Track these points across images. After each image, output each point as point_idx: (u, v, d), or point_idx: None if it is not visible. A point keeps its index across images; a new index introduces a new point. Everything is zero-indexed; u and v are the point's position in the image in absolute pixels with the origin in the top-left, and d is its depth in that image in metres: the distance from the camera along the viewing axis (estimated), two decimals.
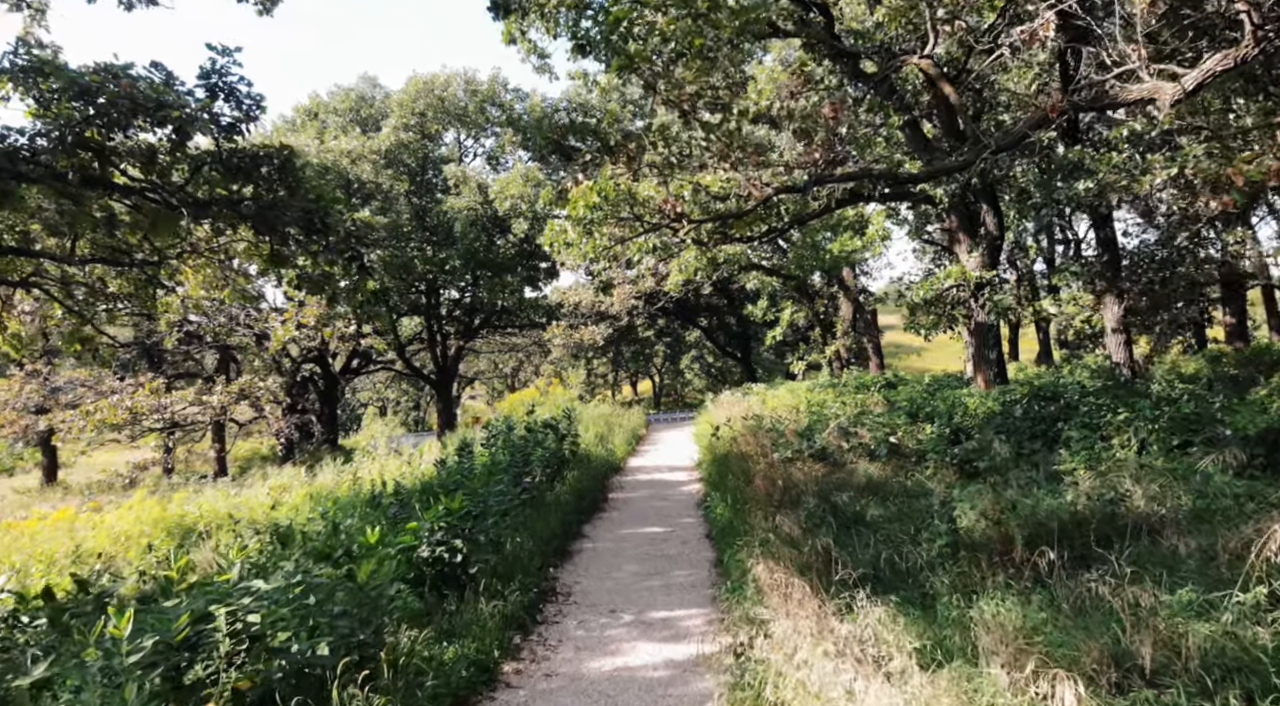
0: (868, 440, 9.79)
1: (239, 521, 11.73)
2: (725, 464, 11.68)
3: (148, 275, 12.77)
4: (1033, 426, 9.53)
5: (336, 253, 7.57)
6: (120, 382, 23.94)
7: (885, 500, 7.91)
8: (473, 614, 5.57)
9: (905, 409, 11.67)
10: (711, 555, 8.01)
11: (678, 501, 11.09)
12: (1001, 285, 13.12)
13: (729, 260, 19.34)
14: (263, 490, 15.98)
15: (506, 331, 37.53)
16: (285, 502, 13.80)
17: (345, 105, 28.39)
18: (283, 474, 18.66)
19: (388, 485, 12.68)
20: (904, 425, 10.96)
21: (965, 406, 11.14)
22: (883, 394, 14.38)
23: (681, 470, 14.04)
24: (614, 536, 9.12)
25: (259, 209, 7.33)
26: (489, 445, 12.86)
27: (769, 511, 8.18)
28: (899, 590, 5.46)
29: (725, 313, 34.66)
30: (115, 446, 32.54)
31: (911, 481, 8.70)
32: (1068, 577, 5.08)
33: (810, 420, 10.67)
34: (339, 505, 11.74)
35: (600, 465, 13.22)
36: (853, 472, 8.98)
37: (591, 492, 11.06)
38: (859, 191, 14.07)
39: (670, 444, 19.49)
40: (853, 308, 27.24)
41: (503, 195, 23.87)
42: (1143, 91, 7.32)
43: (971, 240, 13.71)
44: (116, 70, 7.30)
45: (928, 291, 13.55)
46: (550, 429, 12.51)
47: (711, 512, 9.02)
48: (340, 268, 7.75)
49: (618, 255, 14.49)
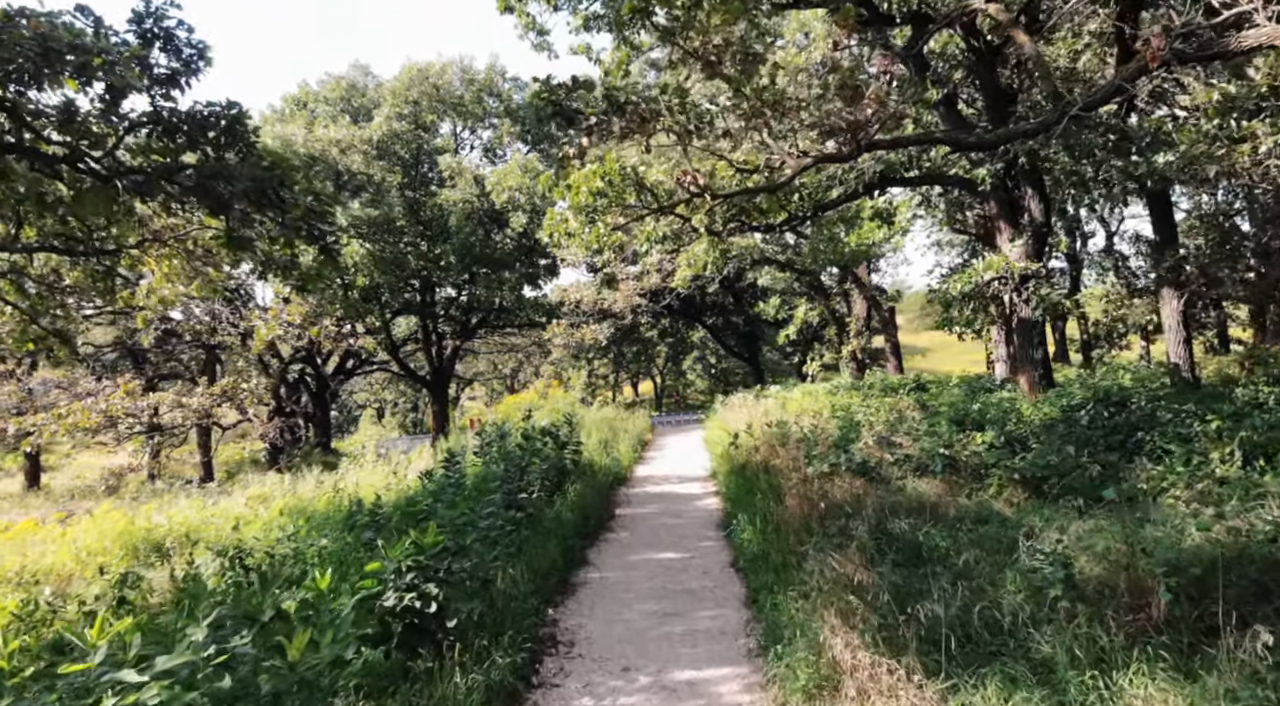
0: (913, 451, 8.54)
1: (196, 542, 10.49)
2: (748, 477, 10.43)
3: (105, 266, 11.57)
4: (1105, 436, 8.27)
5: (293, 231, 6.34)
6: (98, 384, 22.74)
7: (948, 526, 6.66)
8: (449, 686, 4.31)
9: (948, 415, 10.41)
10: (740, 590, 6.76)
11: (693, 519, 9.83)
12: (1048, 278, 11.87)
13: (741, 254, 18.10)
14: (241, 500, 14.80)
15: (505, 331, 36.30)
16: (259, 518, 12.64)
17: (336, 94, 27.15)
18: (265, 482, 17.48)
19: (366, 500, 11.47)
20: (948, 433, 9.71)
21: (1018, 412, 9.89)
22: (914, 397, 13.13)
23: (694, 481, 12.78)
24: (623, 563, 7.87)
25: (200, 179, 6.09)
26: (482, 453, 11.62)
27: (808, 538, 6.94)
28: (1000, 656, 4.23)
29: (731, 311, 33.41)
30: (101, 449, 31.40)
31: (973, 502, 7.45)
32: (1235, 643, 3.84)
33: (841, 427, 9.44)
34: (312, 522, 10.52)
35: (605, 476, 11.98)
36: (900, 490, 7.73)
37: (596, 509, 9.81)
38: (890, 174, 12.83)
39: (678, 450, 18.23)
40: (867, 305, 26.01)
41: (500, 187, 22.63)
42: (1260, 37, 6.08)
43: (1013, 228, 12.47)
44: (28, 12, 6.06)
45: (965, 284, 12.31)
46: (550, 436, 11.27)
47: (737, 537, 7.76)
48: (302, 249, 6.53)
49: (623, 245, 13.22)
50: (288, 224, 6.31)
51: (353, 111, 26.85)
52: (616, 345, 32.70)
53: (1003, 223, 12.41)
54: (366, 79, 28.18)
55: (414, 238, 24.24)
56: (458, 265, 24.36)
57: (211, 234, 10.30)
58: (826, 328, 26.67)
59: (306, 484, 15.50)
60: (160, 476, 29.80)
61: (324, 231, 6.50)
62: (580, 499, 9.74)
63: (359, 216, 21.56)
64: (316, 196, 6.71)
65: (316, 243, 6.53)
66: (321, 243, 6.57)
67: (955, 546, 6.17)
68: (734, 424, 15.96)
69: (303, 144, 22.68)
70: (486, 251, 24.46)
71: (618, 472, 12.86)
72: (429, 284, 26.82)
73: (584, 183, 13.44)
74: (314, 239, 6.49)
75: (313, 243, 6.47)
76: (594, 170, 13.25)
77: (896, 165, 12.84)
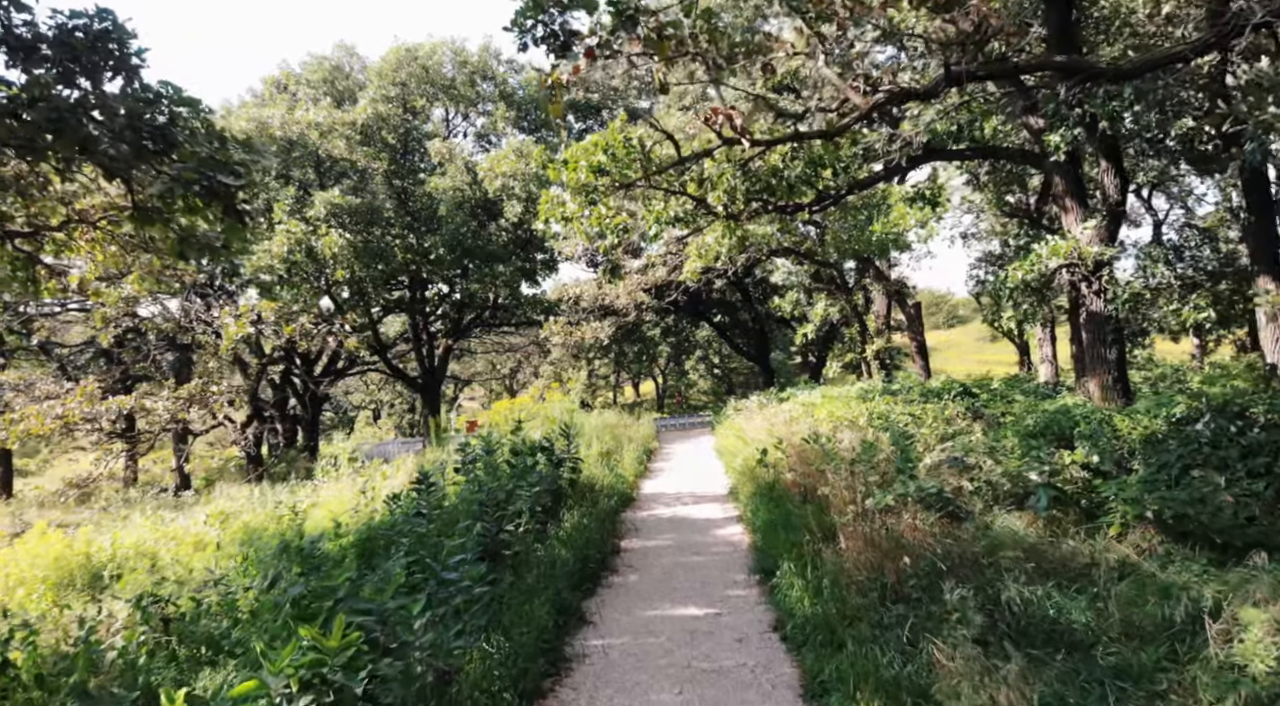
0: (997, 476, 6.79)
1: (107, 585, 8.81)
2: (777, 499, 8.70)
3: (25, 253, 9.85)
4: (1243, 460, 6.52)
5: (184, 184, 4.62)
6: (59, 387, 21.03)
7: (1071, 585, 4.92)
8: None
9: (1018, 428, 8.66)
10: (792, 672, 5.01)
11: (716, 555, 8.09)
12: (1151, 259, 10.12)
13: (758, 243, 16.36)
14: (202, 516, 13.11)
15: (501, 330, 34.57)
16: (213, 542, 10.98)
17: (318, 76, 25.40)
18: (234, 496, 15.82)
19: (323, 527, 9.75)
20: (1022, 450, 7.97)
21: (1111, 425, 8.14)
22: (963, 404, 11.38)
23: (711, 501, 11.04)
24: (632, 622, 6.13)
25: (51, 113, 4.37)
26: (465, 470, 9.88)
27: (882, 602, 5.20)
28: None
29: (739, 308, 31.61)
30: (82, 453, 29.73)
31: (1088, 546, 5.70)
32: None
33: (896, 444, 7.69)
34: (259, 554, 8.80)
35: (607, 497, 10.24)
36: (989, 531, 5.98)
37: (597, 542, 8.07)
38: (937, 146, 11.09)
39: (687, 460, 16.50)
40: (887, 302, 24.25)
41: (493, 173, 20.89)
42: None
43: (1082, 207, 10.73)
44: None
45: (1027, 273, 10.57)
46: (544, 452, 9.55)
47: (782, 596, 6.02)
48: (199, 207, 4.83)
49: (628, 228, 11.48)
50: (180, 175, 4.59)
51: (337, 95, 25.11)
52: (618, 344, 30.95)
53: (1071, 201, 10.67)
54: (352, 60, 26.43)
55: (401, 228, 22.50)
56: (448, 258, 22.62)
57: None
58: (848, 325, 24.86)
59: (277, 499, 13.92)
60: (139, 482, 28.12)
61: (228, 186, 4.77)
62: (578, 531, 8.01)
63: (339, 204, 19.82)
64: (220, 140, 4.97)
65: (218, 200, 4.82)
66: (226, 201, 4.84)
67: (1102, 624, 4.44)
68: (753, 433, 14.22)
69: (279, 127, 20.95)
70: (479, 243, 22.72)
71: (622, 491, 11.12)
72: (418, 279, 25.09)
73: (582, 157, 11.71)
74: (214, 194, 4.77)
75: (212, 199, 4.76)
76: (595, 141, 11.52)
77: (944, 136, 11.10)
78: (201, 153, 4.73)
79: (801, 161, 10.49)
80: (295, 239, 18.83)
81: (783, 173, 10.47)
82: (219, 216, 4.95)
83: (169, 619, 6.79)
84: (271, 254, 18.58)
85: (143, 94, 4.67)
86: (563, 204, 12.22)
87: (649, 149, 11.26)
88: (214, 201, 4.81)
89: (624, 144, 11.22)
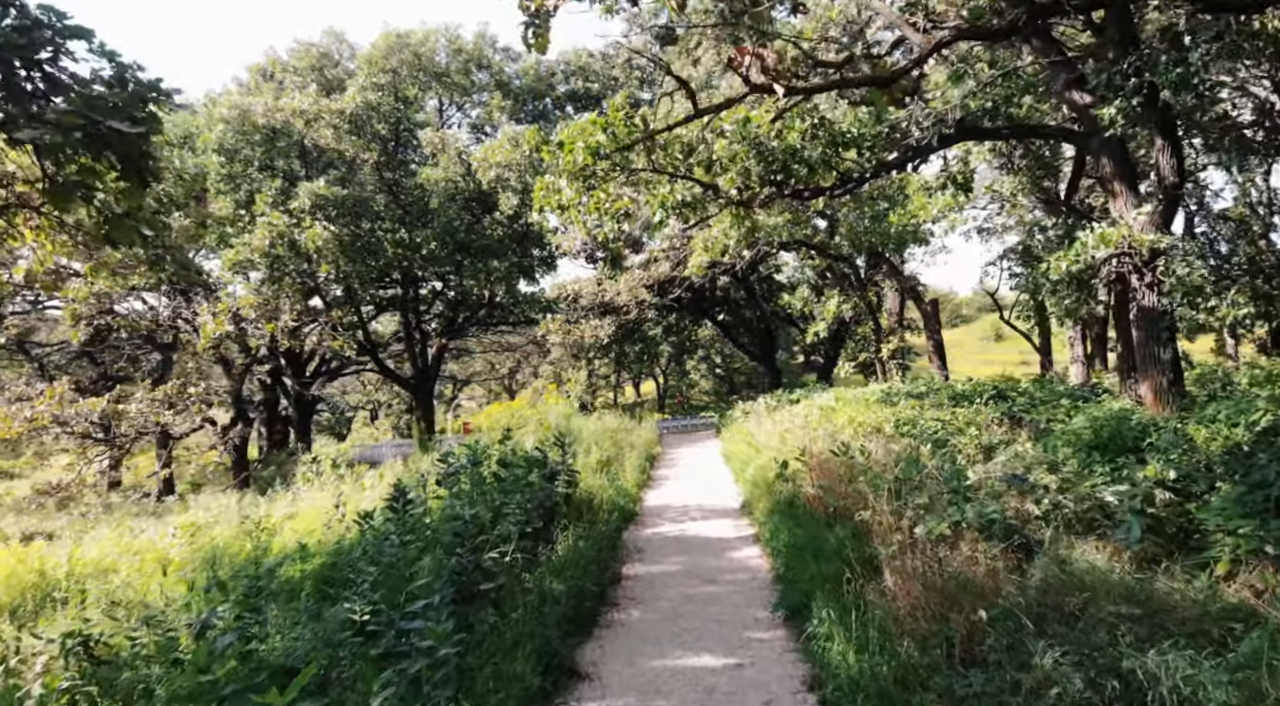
0: (1066, 500, 5.76)
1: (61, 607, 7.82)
2: (799, 519, 7.67)
3: None
4: None
5: (63, 131, 3.61)
6: (31, 388, 20.00)
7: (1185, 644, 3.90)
8: None
9: (1071, 439, 7.63)
10: None
11: (732, 584, 7.06)
12: (1185, 255, 9.11)
13: (768, 234, 15.34)
14: (171, 528, 12.13)
15: (499, 329, 33.55)
16: (175, 559, 10.01)
17: (306, 64, 24.36)
18: (213, 505, 14.83)
19: (287, 546, 8.76)
20: (1079, 464, 6.95)
21: (1186, 436, 7.12)
22: (998, 409, 10.36)
23: (722, 516, 10.01)
24: (636, 678, 5.09)
25: None
26: (448, 482, 8.88)
27: (946, 662, 4.19)
28: None
29: (744, 306, 30.54)
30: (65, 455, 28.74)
31: (1191, 587, 4.67)
32: None
33: (942, 460, 6.68)
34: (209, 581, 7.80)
35: (607, 513, 9.22)
36: (1067, 566, 4.94)
37: (595, 570, 7.05)
38: (971, 123, 10.07)
39: (693, 467, 15.46)
40: (900, 299, 23.23)
41: (486, 163, 19.84)
42: None
43: (1133, 191, 9.71)
44: None
45: (1072, 263, 9.55)
46: (536, 465, 8.52)
47: (818, 647, 4.99)
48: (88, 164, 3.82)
49: (630, 214, 10.47)
50: (59, 118, 3.57)
51: (325, 83, 24.05)
52: (619, 344, 29.91)
53: (1120, 184, 9.65)
54: (341, 47, 25.39)
55: (392, 222, 21.47)
56: (441, 253, 21.59)
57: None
58: (861, 324, 23.79)
59: (254, 509, 13.01)
60: (117, 489, 27.11)
61: (122, 133, 3.75)
62: (573, 556, 6.98)
63: (324, 195, 18.78)
64: (120, 82, 3.95)
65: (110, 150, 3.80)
66: (120, 152, 3.82)
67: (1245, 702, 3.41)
68: (764, 439, 13.20)
69: (263, 115, 19.92)
70: (473, 238, 21.69)
71: (624, 506, 10.09)
72: (411, 275, 24.06)
73: (579, 138, 10.72)
74: (105, 143, 3.75)
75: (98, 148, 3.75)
76: (593, 119, 10.51)
77: (977, 112, 10.07)
78: (91, 94, 3.71)
79: (822, 141, 9.49)
80: (277, 232, 17.81)
81: (802, 153, 9.46)
82: (113, 173, 3.93)
83: (99, 660, 5.82)
84: (251, 247, 17.55)
85: (18, 22, 3.66)
86: (558, 191, 11.20)
87: (651, 128, 10.26)
88: (105, 152, 3.79)
89: (625, 122, 10.23)
